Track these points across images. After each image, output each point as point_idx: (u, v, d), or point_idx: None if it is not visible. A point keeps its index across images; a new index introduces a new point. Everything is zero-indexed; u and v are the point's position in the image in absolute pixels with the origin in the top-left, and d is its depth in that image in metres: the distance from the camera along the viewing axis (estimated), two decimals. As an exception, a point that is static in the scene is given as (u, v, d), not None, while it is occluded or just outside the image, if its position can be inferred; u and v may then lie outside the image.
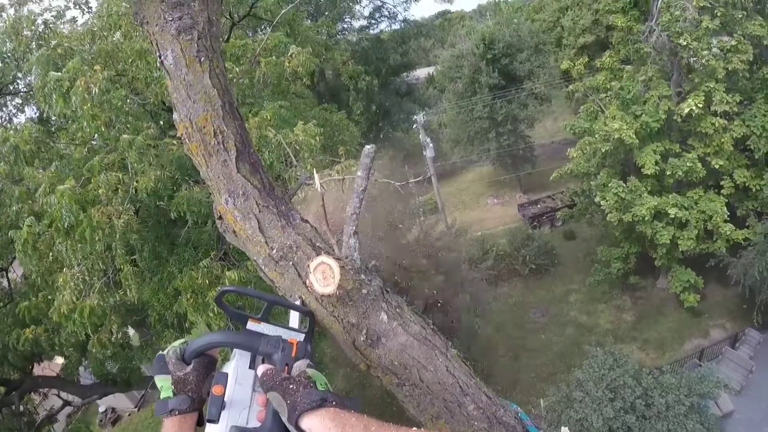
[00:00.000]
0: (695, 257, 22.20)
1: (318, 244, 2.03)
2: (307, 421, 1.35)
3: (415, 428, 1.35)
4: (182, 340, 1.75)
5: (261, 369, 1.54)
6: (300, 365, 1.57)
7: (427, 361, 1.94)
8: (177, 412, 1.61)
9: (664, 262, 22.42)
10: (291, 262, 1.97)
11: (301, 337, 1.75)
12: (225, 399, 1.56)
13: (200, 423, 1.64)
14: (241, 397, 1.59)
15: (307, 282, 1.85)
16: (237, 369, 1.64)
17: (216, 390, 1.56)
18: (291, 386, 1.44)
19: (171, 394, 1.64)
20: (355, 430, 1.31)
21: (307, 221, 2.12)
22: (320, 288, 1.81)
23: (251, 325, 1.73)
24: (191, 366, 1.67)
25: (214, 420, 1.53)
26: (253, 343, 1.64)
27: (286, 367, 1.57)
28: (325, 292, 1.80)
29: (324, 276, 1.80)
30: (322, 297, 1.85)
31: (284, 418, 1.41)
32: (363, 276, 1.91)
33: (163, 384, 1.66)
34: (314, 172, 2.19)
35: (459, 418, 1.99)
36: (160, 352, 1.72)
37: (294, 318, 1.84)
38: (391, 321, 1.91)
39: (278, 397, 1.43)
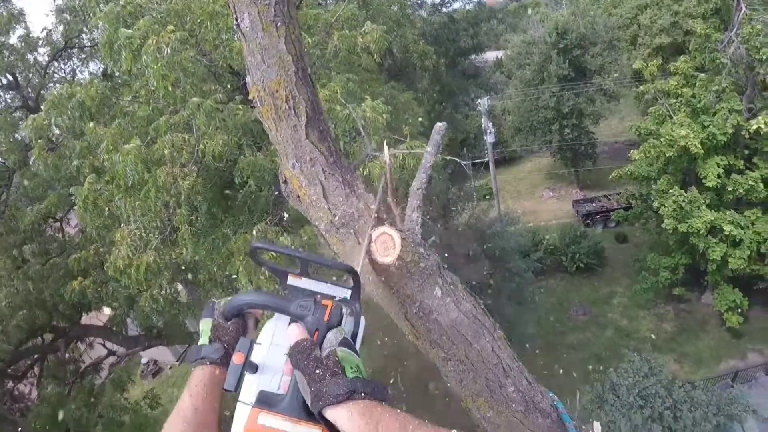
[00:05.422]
0: (744, 278, 21.66)
1: (380, 214, 2.04)
2: (332, 413, 1.22)
3: (455, 431, 1.24)
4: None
5: (293, 337, 1.36)
6: (332, 340, 1.37)
7: (475, 339, 1.97)
8: (208, 362, 1.53)
9: (714, 278, 21.92)
10: (352, 230, 1.99)
11: (342, 294, 1.58)
12: (259, 362, 1.43)
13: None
14: (275, 361, 1.44)
15: (368, 249, 1.88)
16: (275, 329, 1.50)
17: (236, 358, 1.43)
18: (318, 371, 1.26)
19: (207, 342, 1.56)
20: (390, 428, 1.17)
21: (370, 192, 2.14)
22: (380, 257, 1.84)
23: (292, 280, 1.59)
24: (231, 322, 1.61)
25: (231, 390, 1.41)
26: (285, 305, 1.49)
27: (316, 333, 1.39)
28: (385, 261, 1.83)
29: (385, 246, 1.83)
30: (380, 266, 1.88)
31: (308, 403, 1.27)
32: (422, 250, 1.94)
33: (204, 328, 1.60)
34: (384, 144, 2.21)
35: (498, 398, 2.02)
36: (214, 299, 1.67)
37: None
38: (444, 297, 1.94)
39: (303, 380, 1.28)
